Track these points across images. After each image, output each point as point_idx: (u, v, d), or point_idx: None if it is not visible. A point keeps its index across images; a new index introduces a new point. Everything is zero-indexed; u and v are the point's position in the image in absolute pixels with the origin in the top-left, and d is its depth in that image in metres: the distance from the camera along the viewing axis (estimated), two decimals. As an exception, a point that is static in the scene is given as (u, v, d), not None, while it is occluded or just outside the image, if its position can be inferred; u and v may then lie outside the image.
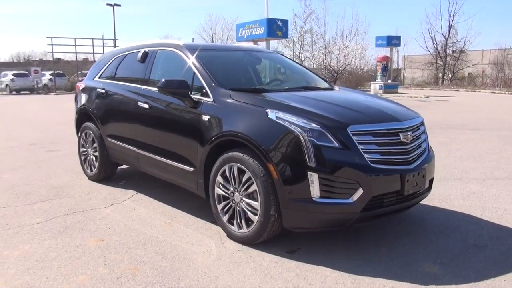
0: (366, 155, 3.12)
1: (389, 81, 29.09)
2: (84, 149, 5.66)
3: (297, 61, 37.67)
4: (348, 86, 30.87)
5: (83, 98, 5.66)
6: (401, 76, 47.36)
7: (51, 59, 37.57)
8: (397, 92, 27.56)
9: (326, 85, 4.64)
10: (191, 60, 4.10)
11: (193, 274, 2.95)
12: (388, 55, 30.19)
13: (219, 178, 3.56)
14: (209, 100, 3.73)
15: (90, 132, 5.44)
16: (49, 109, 17.64)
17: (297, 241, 3.48)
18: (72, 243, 3.48)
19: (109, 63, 5.49)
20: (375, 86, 25.16)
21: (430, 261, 3.15)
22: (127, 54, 5.19)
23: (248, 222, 3.38)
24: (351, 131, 3.13)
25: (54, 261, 3.14)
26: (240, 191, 3.41)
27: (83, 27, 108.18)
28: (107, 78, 5.40)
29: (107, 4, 45.23)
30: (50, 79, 36.13)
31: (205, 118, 3.69)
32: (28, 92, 34.47)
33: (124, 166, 5.55)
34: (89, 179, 5.56)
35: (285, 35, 19.62)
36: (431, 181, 3.75)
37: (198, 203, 4.35)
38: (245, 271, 2.99)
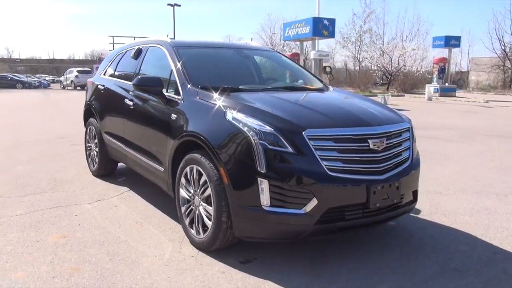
0: (324, 162, 2.84)
1: (446, 84, 27.52)
2: (89, 145, 5.75)
3: (354, 61, 36.62)
4: (403, 89, 29.72)
5: (89, 94, 5.76)
6: (465, 80, 44.82)
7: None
8: (454, 96, 26.02)
9: (319, 85, 4.35)
10: (171, 57, 4.00)
11: (131, 279, 2.83)
12: (446, 56, 28.56)
13: (183, 180, 3.43)
14: (179, 98, 3.60)
15: (93, 128, 5.51)
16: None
17: (257, 251, 3.25)
18: (34, 238, 3.48)
19: (113, 60, 5.52)
20: (429, 89, 23.88)
21: (390, 286, 2.81)
22: (127, 51, 5.19)
23: (204, 227, 3.21)
24: (307, 136, 2.86)
25: (5, 255, 3.15)
26: (198, 195, 3.26)
27: (149, 26, 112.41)
28: (108, 75, 5.44)
29: (168, 4, 46.89)
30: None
31: (173, 117, 3.56)
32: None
33: (124, 163, 5.57)
34: (92, 174, 5.63)
35: (331, 34, 19.10)
36: (415, 194, 3.37)
37: (178, 204, 4.23)
38: (185, 280, 2.83)
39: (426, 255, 3.28)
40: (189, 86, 3.61)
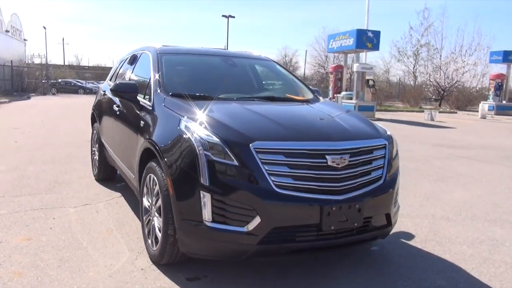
0: (271, 178, 2.62)
1: (504, 102, 25.82)
2: (93, 149, 5.82)
3: (408, 75, 35.16)
4: (457, 106, 28.16)
5: (95, 100, 5.85)
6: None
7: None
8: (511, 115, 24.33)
9: (308, 97, 4.11)
10: (153, 64, 3.94)
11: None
12: (505, 72, 26.83)
13: (145, 189, 3.32)
14: (149, 104, 3.52)
15: (95, 132, 5.58)
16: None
17: (210, 268, 3.06)
18: (1, 238, 3.50)
19: (118, 66, 5.58)
20: (483, 107, 22.47)
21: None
22: (127, 58, 5.21)
23: (156, 239, 3.08)
24: (254, 148, 2.65)
25: (-38, 254, 3.18)
26: (153, 205, 3.13)
27: (206, 37, 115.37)
28: (112, 80, 5.49)
29: (223, 15, 47.95)
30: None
31: (142, 123, 3.48)
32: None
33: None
34: (94, 178, 5.68)
35: (375, 47, 18.51)
36: (388, 217, 3.05)
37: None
38: (120, 294, 2.70)
39: (395, 286, 2.94)
40: (159, 92, 3.52)
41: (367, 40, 17.98)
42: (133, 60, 4.69)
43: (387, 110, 25.11)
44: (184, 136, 2.82)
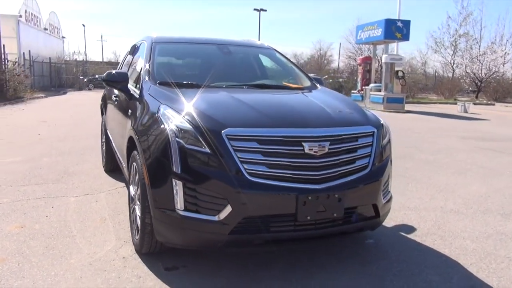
0: (244, 166, 2.53)
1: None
2: (102, 140, 5.89)
3: (445, 67, 33.76)
4: (495, 98, 26.87)
5: (103, 93, 5.91)
6: None
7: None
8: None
9: (305, 84, 3.97)
10: (146, 52, 3.91)
11: (42, 275, 2.74)
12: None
13: (130, 178, 3.31)
14: (137, 93, 3.49)
15: (103, 123, 5.64)
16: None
17: (192, 258, 3.01)
18: (-5, 226, 3.58)
19: (124, 57, 5.60)
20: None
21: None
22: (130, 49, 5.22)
23: (137, 228, 3.05)
24: (226, 135, 2.56)
25: (-46, 240, 3.26)
26: (136, 193, 3.11)
27: (239, 31, 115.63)
28: (117, 72, 5.52)
29: (254, 9, 47.82)
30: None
31: (129, 112, 3.46)
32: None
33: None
34: (104, 169, 5.75)
35: (405, 37, 17.89)
36: (375, 208, 2.90)
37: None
38: (94, 281, 2.67)
39: (382, 281, 2.79)
40: (147, 80, 3.48)
41: (396, 30, 17.42)
42: (134, 50, 4.70)
43: (420, 102, 24.34)
44: (160, 123, 2.77)
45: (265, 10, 48.25)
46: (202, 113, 2.73)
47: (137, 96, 3.44)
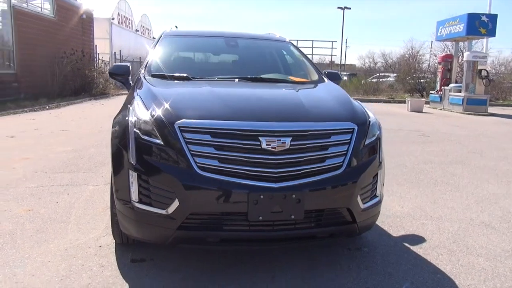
0: (195, 159, 2.42)
1: None
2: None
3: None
4: None
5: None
6: None
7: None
8: None
9: (312, 78, 3.76)
10: (152, 46, 3.96)
11: (16, 256, 2.88)
12: None
13: None
14: (132, 85, 3.54)
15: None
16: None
17: (161, 252, 2.96)
18: (8, 207, 3.84)
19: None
20: None
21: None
22: None
23: (113, 218, 3.07)
24: (179, 127, 2.47)
25: (-36, 218, 3.55)
26: (113, 183, 3.14)
27: (326, 30, 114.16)
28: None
29: (338, 7, 46.98)
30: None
31: (123, 104, 3.51)
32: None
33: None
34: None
35: (491, 33, 16.27)
36: (351, 213, 2.62)
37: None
38: (58, 267, 2.73)
39: (346, 294, 2.53)
40: (142, 72, 3.52)
41: (480, 25, 15.92)
42: (153, 44, 4.77)
43: (510, 105, 22.08)
44: (127, 114, 2.76)
45: (349, 8, 47.12)
46: (163, 105, 2.67)
47: (131, 89, 3.48)
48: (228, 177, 2.40)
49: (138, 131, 2.56)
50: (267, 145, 2.43)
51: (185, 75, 3.40)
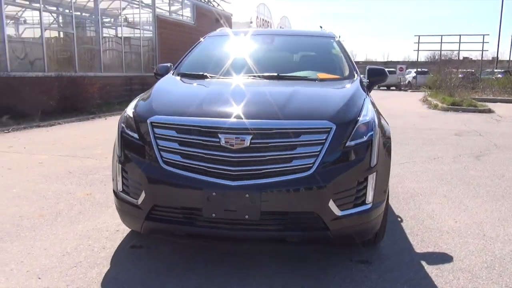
0: (161, 154, 2.52)
1: None
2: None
3: None
4: None
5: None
6: None
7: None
8: None
9: (343, 75, 3.54)
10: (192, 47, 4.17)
11: (47, 230, 3.34)
12: None
13: None
14: (166, 84, 3.79)
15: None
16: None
17: (160, 240, 3.12)
18: (74, 190, 4.44)
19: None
20: None
21: None
22: None
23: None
24: (151, 122, 2.60)
25: (33, 193, 4.22)
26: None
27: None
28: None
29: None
30: (414, 77, 37.08)
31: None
32: (394, 88, 37.14)
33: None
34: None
35: None
36: (321, 218, 2.42)
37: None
38: (68, 245, 3.09)
39: None
40: (171, 71, 3.75)
41: None
42: (195, 45, 5.00)
43: None
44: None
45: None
46: (148, 101, 2.85)
47: None
48: (188, 173, 2.45)
49: (123, 125, 2.77)
50: (225, 142, 2.40)
51: (202, 73, 3.51)
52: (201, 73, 3.54)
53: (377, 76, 3.74)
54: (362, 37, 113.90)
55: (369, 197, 2.57)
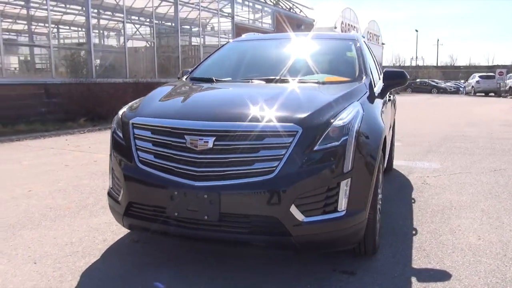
0: (138, 153, 2.66)
1: None
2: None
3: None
4: None
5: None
6: None
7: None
8: None
9: (349, 79, 3.40)
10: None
11: (65, 221, 3.63)
12: None
13: None
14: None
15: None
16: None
17: (166, 239, 3.23)
18: (103, 186, 4.75)
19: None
20: None
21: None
22: None
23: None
24: (132, 123, 2.75)
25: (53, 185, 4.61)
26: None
27: None
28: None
29: None
30: (519, 81, 33.91)
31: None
32: (493, 94, 34.42)
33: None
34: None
35: None
36: (282, 224, 2.36)
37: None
38: (76, 235, 3.35)
39: None
40: (186, 77, 3.89)
41: None
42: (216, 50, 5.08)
43: None
44: None
45: None
46: (138, 104, 3.02)
47: None
48: (158, 172, 2.55)
49: (115, 125, 2.96)
50: (190, 143, 2.46)
51: (209, 77, 3.60)
52: (209, 77, 3.63)
53: (394, 79, 3.53)
54: (465, 41, 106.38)
55: (342, 204, 2.45)
